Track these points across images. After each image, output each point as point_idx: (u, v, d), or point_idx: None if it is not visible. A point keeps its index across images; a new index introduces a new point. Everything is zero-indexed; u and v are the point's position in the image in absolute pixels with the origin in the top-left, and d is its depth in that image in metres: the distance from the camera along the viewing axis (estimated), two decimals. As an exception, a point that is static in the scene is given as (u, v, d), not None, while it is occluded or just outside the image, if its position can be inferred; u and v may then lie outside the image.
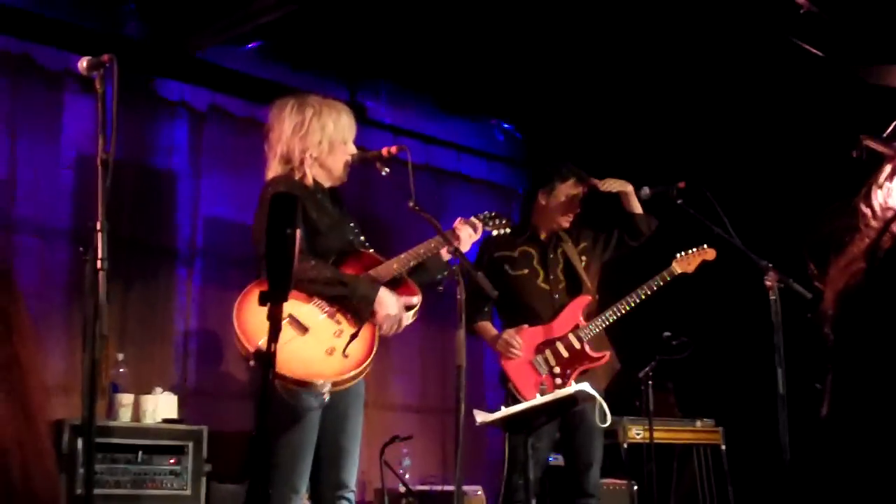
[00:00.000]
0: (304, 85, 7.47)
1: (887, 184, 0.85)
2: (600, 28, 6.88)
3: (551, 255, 5.82)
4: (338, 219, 4.62)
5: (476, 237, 4.91)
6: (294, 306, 4.30)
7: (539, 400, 4.75)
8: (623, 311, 5.70)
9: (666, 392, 7.62)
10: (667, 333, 6.17)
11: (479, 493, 7.43)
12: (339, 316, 4.37)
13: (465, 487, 7.15)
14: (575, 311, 5.72)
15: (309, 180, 4.52)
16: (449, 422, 8.09)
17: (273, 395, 3.93)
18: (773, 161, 7.62)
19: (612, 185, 5.77)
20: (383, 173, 4.57)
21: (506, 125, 9.14)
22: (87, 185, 4.11)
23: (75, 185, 6.54)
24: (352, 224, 4.71)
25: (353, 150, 4.66)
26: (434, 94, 8.34)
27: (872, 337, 0.80)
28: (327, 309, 4.37)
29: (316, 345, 4.26)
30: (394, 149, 4.58)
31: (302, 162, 4.52)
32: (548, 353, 5.65)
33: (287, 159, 4.54)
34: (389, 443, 6.92)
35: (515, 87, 8.10)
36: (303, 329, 4.26)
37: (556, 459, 6.18)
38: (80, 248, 3.53)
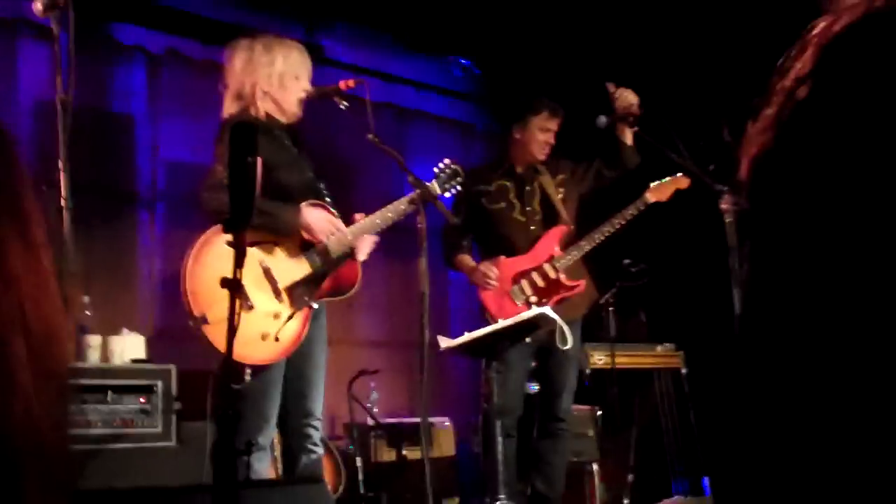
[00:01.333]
0: (261, 25, 7.43)
1: (797, 58, 0.93)
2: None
3: (527, 188, 5.88)
4: (296, 157, 4.64)
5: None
6: (246, 275, 4.30)
7: (500, 324, 4.84)
8: (598, 241, 5.78)
9: (636, 318, 7.75)
10: (626, 261, 6.25)
11: (447, 423, 7.55)
12: (283, 295, 4.40)
13: (433, 419, 7.27)
14: (551, 241, 5.80)
15: (261, 115, 4.55)
16: (415, 356, 8.18)
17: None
18: (730, 86, 7.67)
19: (628, 97, 5.75)
20: (342, 107, 4.59)
21: (464, 61, 9.15)
22: (47, 130, 4.12)
23: (34, 131, 6.51)
24: (312, 167, 4.72)
25: (306, 86, 4.66)
26: (392, 31, 8.33)
27: (782, 199, 0.87)
28: (275, 287, 4.40)
29: (253, 326, 4.28)
30: (351, 82, 4.59)
31: (253, 96, 4.54)
32: (524, 282, 5.73)
33: (239, 95, 4.56)
34: (356, 377, 7.01)
35: (473, 23, 8.11)
36: (248, 306, 4.29)
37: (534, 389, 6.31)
38: (43, 188, 3.56)
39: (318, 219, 4.46)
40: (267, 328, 4.32)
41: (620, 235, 5.83)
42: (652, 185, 5.93)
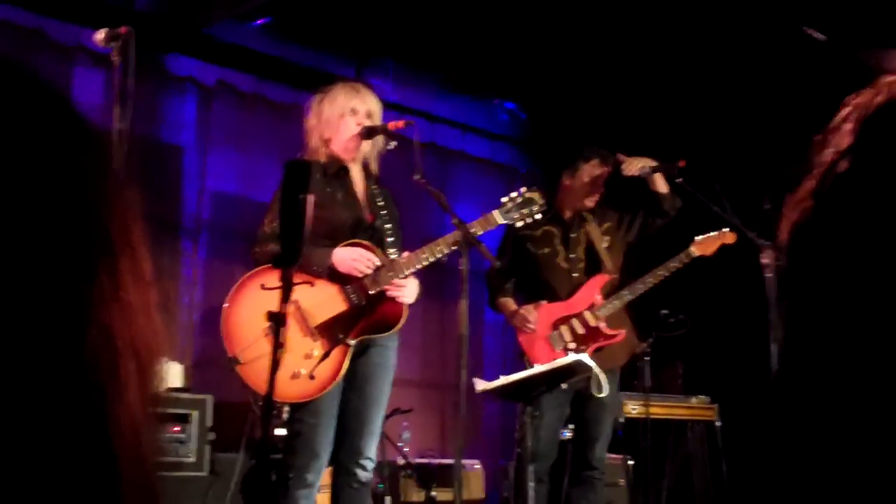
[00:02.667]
0: (311, 62, 7.56)
1: (836, 130, 0.97)
2: (603, 7, 6.95)
3: (573, 235, 5.87)
4: (349, 196, 4.68)
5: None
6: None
7: (536, 369, 4.83)
8: (640, 291, 5.75)
9: (673, 369, 7.72)
10: (664, 311, 6.25)
11: (477, 466, 7.54)
12: (316, 334, 4.44)
13: (464, 461, 7.25)
14: (592, 288, 5.78)
15: (320, 158, 4.62)
16: (448, 397, 8.20)
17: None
18: (774, 142, 7.69)
19: (633, 167, 5.79)
20: (390, 147, 4.65)
21: (509, 105, 9.21)
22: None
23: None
24: (373, 206, 4.77)
25: (356, 122, 4.68)
26: (439, 72, 8.40)
27: (820, 266, 0.91)
28: (307, 326, 4.45)
29: (283, 367, 4.33)
30: (400, 123, 4.63)
31: (309, 145, 4.66)
32: (564, 329, 5.72)
33: (306, 147, 4.70)
34: (390, 416, 7.00)
35: (519, 67, 8.17)
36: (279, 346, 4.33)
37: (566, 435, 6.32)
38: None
39: (344, 259, 4.48)
40: (297, 367, 4.36)
41: (659, 286, 5.83)
42: (697, 238, 5.90)
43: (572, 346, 5.66)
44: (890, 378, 0.83)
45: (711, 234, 5.89)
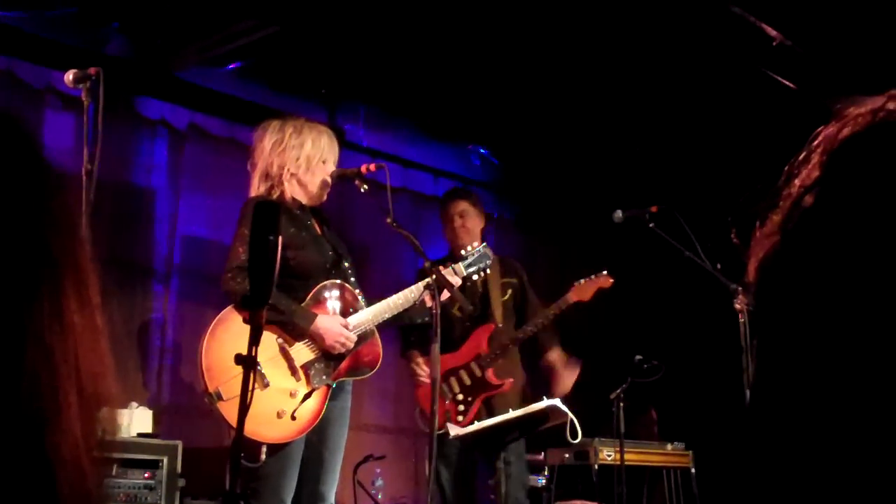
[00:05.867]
0: (283, 106, 7.53)
1: (803, 165, 0.95)
2: (576, 55, 6.97)
3: (468, 284, 5.69)
4: (317, 237, 4.68)
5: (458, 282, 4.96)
6: (262, 353, 4.35)
7: (511, 414, 4.81)
8: (523, 339, 5.81)
9: (647, 415, 7.68)
10: (639, 357, 6.23)
11: (451, 513, 7.45)
12: (300, 373, 4.43)
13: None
14: (479, 339, 5.78)
15: (287, 197, 4.59)
16: (421, 443, 8.13)
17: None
18: (744, 189, 7.71)
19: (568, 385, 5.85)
20: (362, 190, 4.63)
21: (482, 150, 9.21)
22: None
23: (55, 201, 6.54)
24: (336, 246, 4.77)
25: (332, 170, 4.72)
26: (412, 118, 8.40)
27: (787, 302, 0.90)
28: (292, 364, 4.42)
29: (268, 404, 4.31)
30: (372, 166, 4.66)
31: (280, 178, 4.58)
32: (452, 380, 5.73)
33: (266, 175, 4.61)
34: (362, 462, 6.94)
35: (492, 113, 8.18)
36: (264, 383, 4.32)
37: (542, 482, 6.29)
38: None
39: (328, 330, 4.48)
40: (282, 406, 4.33)
41: (633, 331, 5.82)
42: (575, 283, 5.91)
43: (460, 397, 5.66)
44: (860, 413, 0.81)
45: (590, 278, 5.90)
